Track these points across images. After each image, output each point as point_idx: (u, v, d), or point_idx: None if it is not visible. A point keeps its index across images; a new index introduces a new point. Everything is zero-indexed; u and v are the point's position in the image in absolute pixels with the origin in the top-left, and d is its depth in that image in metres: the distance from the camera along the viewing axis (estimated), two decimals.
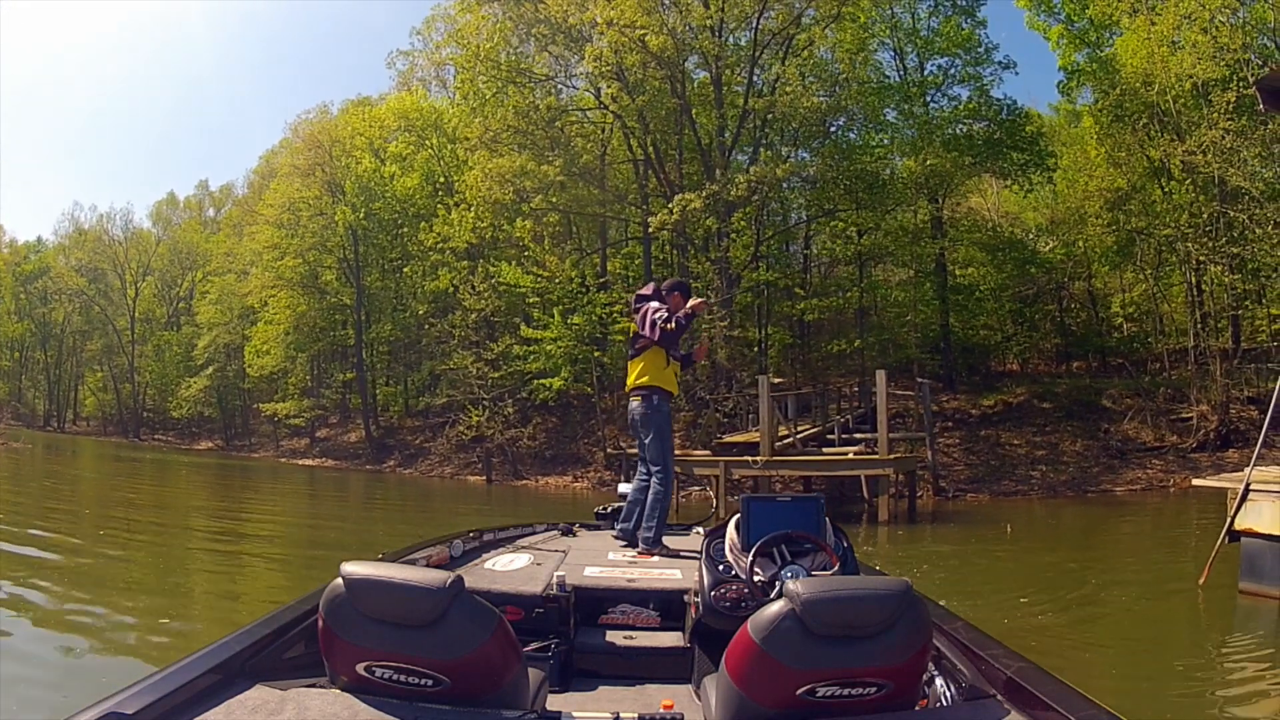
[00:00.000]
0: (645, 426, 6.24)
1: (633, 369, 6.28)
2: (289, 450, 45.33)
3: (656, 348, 6.17)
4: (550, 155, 30.33)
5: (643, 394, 6.22)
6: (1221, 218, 25.00)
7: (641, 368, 6.21)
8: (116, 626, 8.34)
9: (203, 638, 7.67)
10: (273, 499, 26.59)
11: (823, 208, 33.06)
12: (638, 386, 6.23)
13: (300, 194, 41.26)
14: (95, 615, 8.62)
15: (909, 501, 20.25)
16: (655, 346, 6.16)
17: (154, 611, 8.87)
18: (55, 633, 7.92)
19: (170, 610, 8.97)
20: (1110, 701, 2.32)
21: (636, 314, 6.31)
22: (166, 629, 8.18)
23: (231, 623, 8.16)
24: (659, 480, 6.09)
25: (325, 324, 43.72)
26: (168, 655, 7.23)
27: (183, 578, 11.41)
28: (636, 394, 6.25)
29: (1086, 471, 24.32)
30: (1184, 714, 6.29)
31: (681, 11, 29.04)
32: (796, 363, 33.69)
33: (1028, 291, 31.60)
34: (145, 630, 8.20)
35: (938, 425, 24.67)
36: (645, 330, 6.13)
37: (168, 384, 56.93)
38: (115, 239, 64.40)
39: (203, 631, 8.08)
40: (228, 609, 9.66)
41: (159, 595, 9.86)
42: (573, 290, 30.27)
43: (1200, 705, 6.52)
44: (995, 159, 30.36)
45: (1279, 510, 8.85)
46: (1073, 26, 31.38)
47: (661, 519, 5.90)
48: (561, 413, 33.32)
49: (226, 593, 10.92)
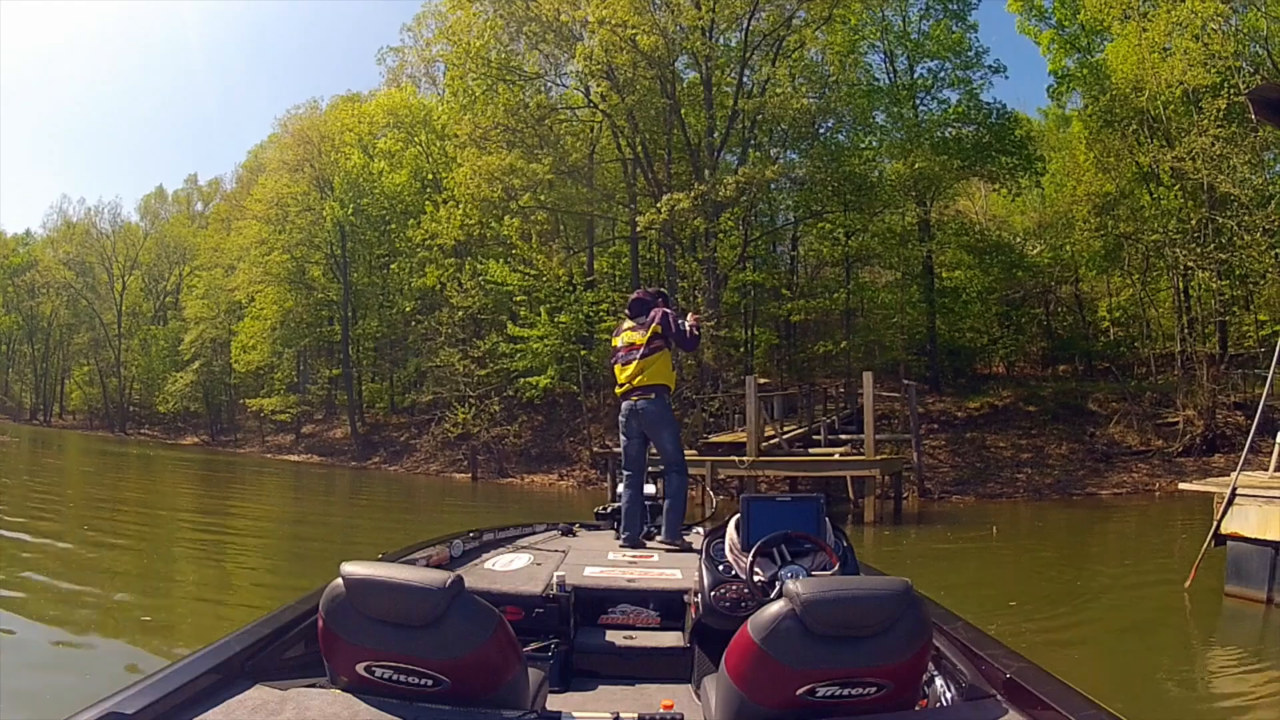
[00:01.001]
0: (660, 424, 6.34)
1: (641, 368, 6.29)
2: (274, 446, 45.15)
3: (668, 351, 6.31)
4: (539, 153, 30.33)
5: (655, 392, 6.30)
6: (1210, 224, 25.09)
7: (654, 368, 6.28)
8: (95, 625, 8.24)
9: (184, 636, 7.67)
10: (258, 496, 26.49)
11: (810, 209, 33.15)
12: (650, 385, 6.29)
13: (288, 189, 41.13)
14: (75, 611, 8.55)
15: (894, 503, 20.23)
16: (667, 350, 6.30)
17: (138, 608, 8.80)
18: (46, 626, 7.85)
19: (151, 608, 8.89)
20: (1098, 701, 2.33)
21: (639, 317, 6.39)
22: (147, 626, 8.11)
23: (213, 623, 8.14)
24: (679, 475, 6.23)
25: (312, 320, 43.66)
26: (144, 654, 7.22)
27: (165, 581, 11.18)
28: (648, 393, 6.31)
29: (1072, 475, 24.35)
30: (1171, 714, 6.34)
31: (673, 12, 29.05)
32: (782, 363, 33.75)
33: (1014, 295, 31.76)
34: (124, 631, 8.07)
35: (923, 427, 24.70)
36: (672, 334, 6.23)
37: (154, 378, 56.63)
38: (103, 232, 64.19)
39: (185, 631, 8.04)
40: (210, 610, 9.47)
41: (141, 594, 9.74)
42: (560, 289, 30.20)
43: (1187, 705, 6.59)
44: (984, 162, 30.42)
45: (1265, 514, 8.93)
46: (1063, 32, 31.51)
47: (683, 513, 6.08)
48: (547, 411, 33.25)
49: (210, 592, 10.73)
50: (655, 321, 6.24)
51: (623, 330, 6.47)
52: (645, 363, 6.27)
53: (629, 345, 6.36)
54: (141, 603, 9.10)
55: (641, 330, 6.29)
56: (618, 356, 6.45)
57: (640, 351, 6.29)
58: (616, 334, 6.57)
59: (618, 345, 6.47)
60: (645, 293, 6.55)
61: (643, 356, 6.29)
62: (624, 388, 6.37)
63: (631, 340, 6.35)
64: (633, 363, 6.30)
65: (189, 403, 52.13)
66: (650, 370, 6.27)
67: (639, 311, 6.42)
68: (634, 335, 6.34)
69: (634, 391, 6.32)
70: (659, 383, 6.29)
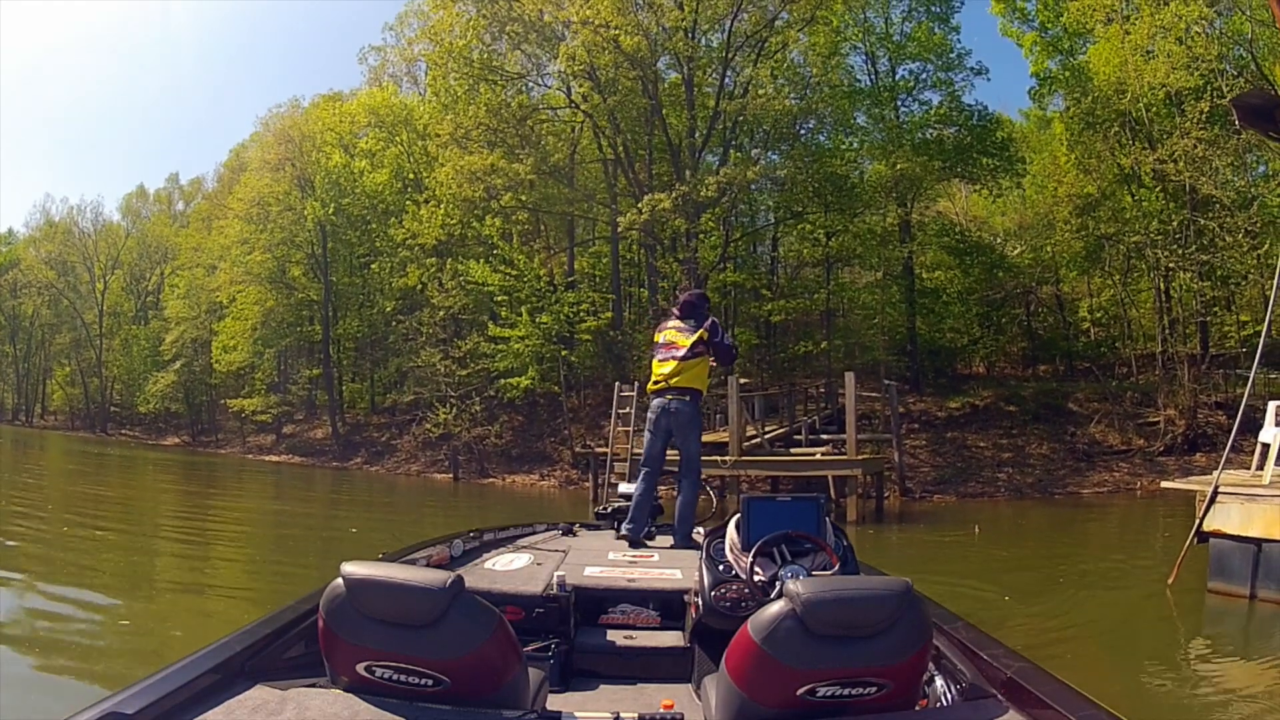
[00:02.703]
0: (690, 426, 6.38)
1: (680, 369, 6.30)
2: (255, 446, 44.91)
3: (707, 357, 6.36)
4: (521, 153, 30.29)
5: (690, 395, 6.34)
6: (1192, 225, 25.20)
7: (693, 372, 6.31)
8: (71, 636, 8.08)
9: (162, 641, 7.58)
10: (239, 497, 26.30)
11: (791, 210, 33.24)
12: (686, 388, 6.33)
13: (270, 189, 40.87)
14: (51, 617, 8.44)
15: (876, 502, 20.21)
16: (707, 356, 6.35)
17: (116, 614, 8.72)
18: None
19: (130, 613, 8.81)
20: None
21: (688, 319, 6.39)
22: (125, 630, 8.03)
23: (194, 629, 8.02)
24: (696, 477, 6.41)
25: (292, 320, 43.41)
26: (117, 660, 7.14)
27: (147, 589, 11.01)
28: (683, 395, 6.34)
29: (1053, 474, 24.46)
30: (1159, 707, 6.42)
31: (655, 12, 29.05)
32: (762, 363, 33.69)
33: (995, 295, 31.80)
34: (103, 636, 8.00)
35: (904, 427, 24.74)
36: (718, 342, 6.31)
37: (135, 379, 56.26)
38: (85, 232, 63.70)
39: (164, 635, 7.95)
40: (194, 618, 9.37)
41: (121, 596, 9.62)
42: (541, 289, 30.10)
43: (1176, 699, 6.71)
44: (965, 164, 30.50)
45: (1248, 512, 9.15)
46: (1046, 34, 31.52)
47: (694, 515, 6.22)
48: (528, 411, 33.19)
49: (193, 593, 10.61)
50: (705, 328, 6.26)
51: (667, 326, 6.49)
52: (686, 365, 6.29)
53: (670, 344, 6.39)
54: (117, 610, 8.98)
55: (688, 333, 6.30)
56: (657, 350, 6.49)
57: (683, 353, 6.29)
58: (660, 329, 6.58)
59: (659, 340, 6.50)
60: (695, 295, 6.56)
61: (684, 359, 6.29)
62: (659, 385, 6.40)
63: (674, 340, 6.36)
64: (672, 361, 6.31)
65: (170, 403, 51.75)
66: (689, 373, 6.30)
67: (689, 313, 6.42)
68: (679, 336, 6.35)
69: (670, 391, 6.35)
70: (695, 386, 6.34)
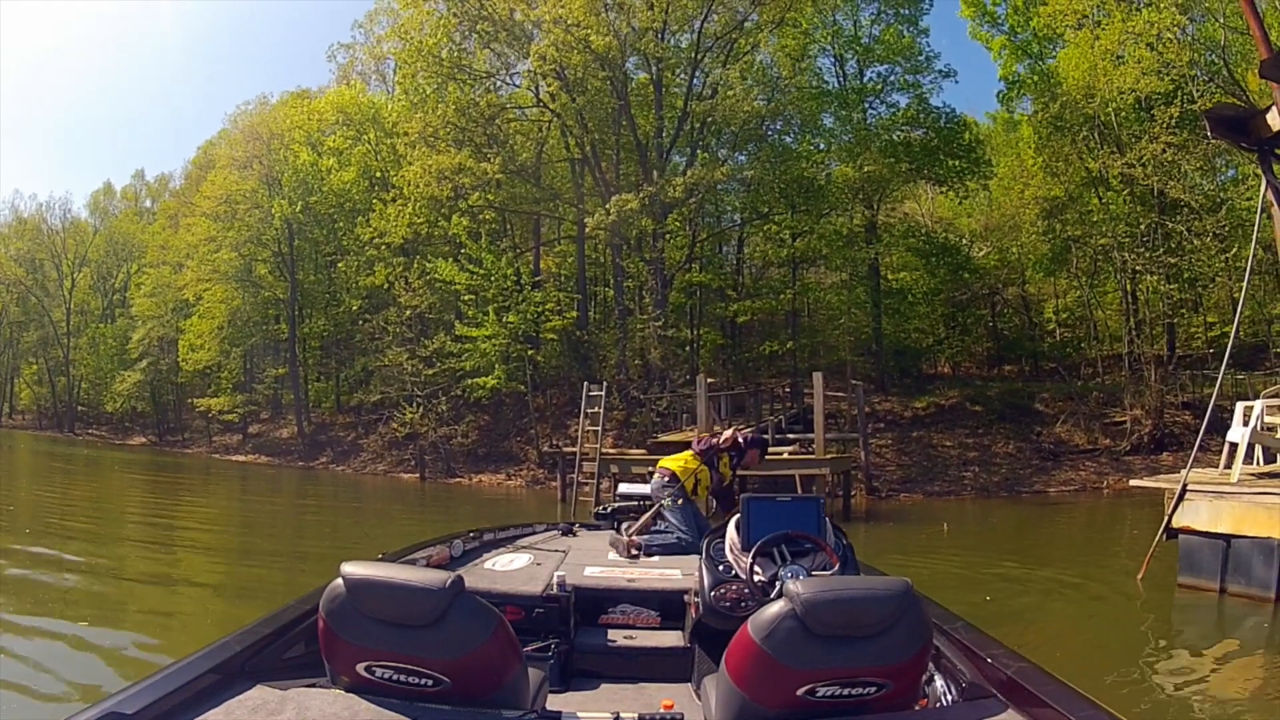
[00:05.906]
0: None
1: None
2: (222, 446, 44.54)
3: (706, 469, 6.45)
4: (489, 152, 30.23)
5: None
6: (1159, 228, 25.37)
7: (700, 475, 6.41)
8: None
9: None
10: (206, 500, 25.85)
11: (757, 211, 33.36)
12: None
13: (237, 186, 40.52)
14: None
15: (844, 501, 20.26)
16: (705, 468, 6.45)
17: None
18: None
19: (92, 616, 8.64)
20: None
21: (733, 451, 6.57)
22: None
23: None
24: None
25: (259, 318, 43.03)
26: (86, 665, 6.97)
27: (115, 590, 10.82)
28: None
29: (1019, 473, 24.69)
30: (1134, 697, 6.52)
31: (626, 13, 29.01)
32: (728, 363, 33.77)
33: (961, 296, 32.05)
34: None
35: (870, 427, 24.90)
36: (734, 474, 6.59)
37: (102, 377, 55.60)
38: (53, 229, 62.86)
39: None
40: (159, 622, 9.25)
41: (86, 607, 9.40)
42: (507, 288, 29.96)
43: (1152, 690, 6.91)
44: (932, 166, 30.75)
45: (1216, 509, 9.40)
46: (1015, 38, 31.69)
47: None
48: (494, 410, 33.05)
49: (158, 606, 10.35)
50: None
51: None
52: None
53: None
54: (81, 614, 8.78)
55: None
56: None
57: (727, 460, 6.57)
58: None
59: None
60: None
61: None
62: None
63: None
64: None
65: (136, 402, 51.28)
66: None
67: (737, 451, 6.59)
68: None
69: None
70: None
